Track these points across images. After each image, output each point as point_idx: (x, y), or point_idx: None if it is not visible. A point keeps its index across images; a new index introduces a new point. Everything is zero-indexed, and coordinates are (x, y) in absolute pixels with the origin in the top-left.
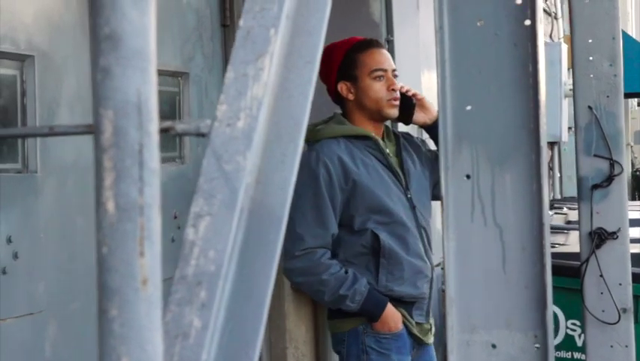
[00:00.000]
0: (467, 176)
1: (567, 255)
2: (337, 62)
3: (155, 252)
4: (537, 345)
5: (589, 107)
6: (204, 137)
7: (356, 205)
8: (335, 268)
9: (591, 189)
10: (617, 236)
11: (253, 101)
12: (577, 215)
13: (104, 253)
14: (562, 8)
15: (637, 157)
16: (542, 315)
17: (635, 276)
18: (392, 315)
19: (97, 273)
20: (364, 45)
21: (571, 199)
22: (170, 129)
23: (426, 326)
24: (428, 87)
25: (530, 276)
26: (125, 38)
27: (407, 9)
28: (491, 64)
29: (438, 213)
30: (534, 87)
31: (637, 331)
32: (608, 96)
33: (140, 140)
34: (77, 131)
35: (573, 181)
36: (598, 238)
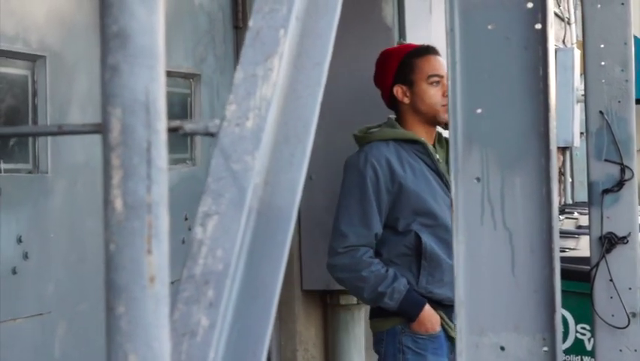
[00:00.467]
0: (477, 179)
1: (577, 259)
2: (394, 67)
3: (163, 250)
4: (545, 348)
5: (600, 112)
6: (213, 136)
7: (401, 207)
8: (376, 267)
9: (602, 193)
10: (627, 241)
11: (262, 101)
12: (587, 220)
13: (112, 251)
14: (575, 14)
15: None
16: (551, 318)
17: None
18: (430, 316)
19: (104, 270)
20: (422, 51)
21: (582, 204)
22: (178, 128)
23: None
24: None
25: (539, 279)
26: (133, 36)
27: (420, 12)
28: (502, 67)
29: None
30: (544, 91)
31: None
32: (620, 101)
33: (148, 138)
34: (85, 130)
35: (585, 186)
36: (608, 243)
